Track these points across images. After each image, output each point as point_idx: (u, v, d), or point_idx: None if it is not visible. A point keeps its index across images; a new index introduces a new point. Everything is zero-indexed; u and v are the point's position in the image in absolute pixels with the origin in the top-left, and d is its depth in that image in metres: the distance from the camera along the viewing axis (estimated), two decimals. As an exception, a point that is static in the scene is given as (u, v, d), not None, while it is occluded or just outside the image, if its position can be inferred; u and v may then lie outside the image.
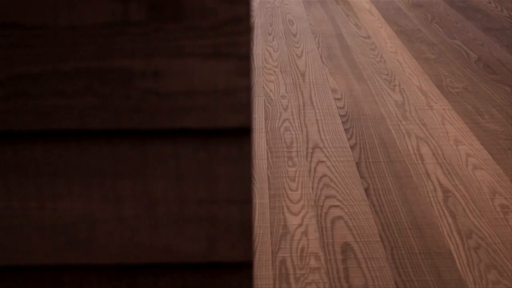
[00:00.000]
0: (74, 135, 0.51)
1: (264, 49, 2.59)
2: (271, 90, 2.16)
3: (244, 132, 0.52)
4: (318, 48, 2.60)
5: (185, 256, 0.56)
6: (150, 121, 0.51)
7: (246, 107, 0.51)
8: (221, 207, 0.54)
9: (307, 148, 1.75)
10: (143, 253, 0.56)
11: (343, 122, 1.90)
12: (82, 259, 0.56)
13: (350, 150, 1.73)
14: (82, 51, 0.48)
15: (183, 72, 0.49)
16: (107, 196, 0.54)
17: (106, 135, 0.51)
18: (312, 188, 1.55)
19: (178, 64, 0.49)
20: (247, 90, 0.50)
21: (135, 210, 0.54)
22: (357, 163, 1.66)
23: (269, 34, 2.80)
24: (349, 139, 1.79)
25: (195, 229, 0.55)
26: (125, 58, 0.48)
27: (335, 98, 2.08)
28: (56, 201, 0.54)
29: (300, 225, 1.40)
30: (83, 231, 0.55)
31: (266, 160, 1.68)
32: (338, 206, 1.47)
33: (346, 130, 1.85)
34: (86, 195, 0.54)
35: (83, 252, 0.56)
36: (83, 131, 0.51)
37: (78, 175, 0.53)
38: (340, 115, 1.95)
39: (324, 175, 1.60)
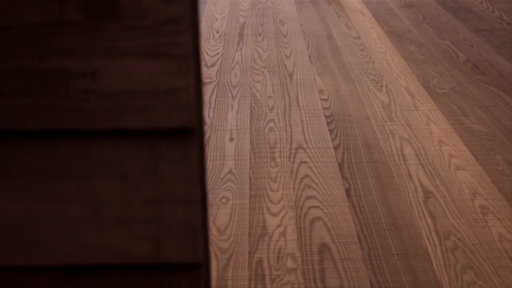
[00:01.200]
0: (15, 135, 0.51)
1: (253, 50, 2.59)
2: (257, 91, 2.15)
3: (187, 132, 0.52)
4: (307, 48, 2.60)
5: (133, 257, 0.56)
6: (91, 121, 0.50)
7: (188, 107, 0.50)
8: (166, 207, 0.54)
9: (290, 149, 1.74)
10: (90, 254, 0.56)
11: (328, 123, 1.90)
12: (29, 260, 0.56)
13: (333, 150, 1.73)
14: (20, 51, 0.48)
15: (122, 72, 0.49)
16: (52, 197, 0.54)
17: (47, 135, 0.51)
18: (293, 188, 1.54)
19: (117, 64, 0.48)
20: (189, 90, 0.50)
21: (81, 211, 0.54)
22: (339, 164, 1.66)
23: (259, 35, 2.79)
24: (333, 140, 1.79)
25: (141, 230, 0.55)
26: (63, 58, 0.48)
27: (321, 99, 2.08)
28: (1, 202, 0.54)
29: (279, 225, 1.40)
30: (29, 232, 0.55)
31: (248, 161, 1.68)
32: (318, 207, 1.47)
33: (330, 131, 1.85)
34: (31, 196, 0.54)
35: (29, 253, 0.56)
36: (24, 132, 0.51)
37: (21, 175, 0.53)
38: (325, 116, 1.95)
39: (306, 176, 1.60)
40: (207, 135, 1.83)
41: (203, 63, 2.44)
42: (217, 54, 2.54)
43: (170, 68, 0.49)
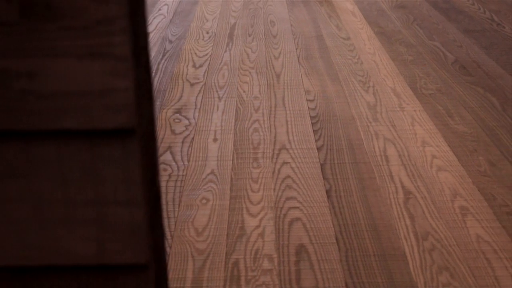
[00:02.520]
0: (-46, 136, 0.51)
1: (242, 50, 2.59)
2: (244, 91, 2.15)
3: (127, 133, 0.52)
4: (296, 49, 2.60)
5: (77, 258, 0.56)
6: (30, 122, 0.50)
7: (126, 108, 0.50)
8: (108, 208, 0.54)
9: (273, 150, 1.74)
10: (34, 255, 0.56)
11: (312, 124, 1.90)
12: (-27, 261, 0.56)
13: (316, 151, 1.73)
14: (-46, 51, 0.48)
15: (59, 73, 0.49)
16: (-6, 197, 0.53)
17: (-14, 136, 0.51)
18: (274, 189, 1.54)
19: (53, 64, 0.48)
20: (127, 91, 0.50)
21: (22, 212, 0.54)
22: (322, 165, 1.66)
23: (249, 35, 2.79)
24: (316, 141, 1.79)
25: (84, 231, 0.55)
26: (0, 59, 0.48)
27: (307, 100, 2.08)
28: None
29: (257, 226, 1.40)
30: (-28, 233, 0.55)
31: (231, 162, 1.68)
32: (297, 207, 1.47)
33: (315, 132, 1.85)
34: (-27, 196, 0.54)
35: (-27, 253, 0.56)
36: (-38, 132, 0.50)
37: (-38, 176, 0.53)
38: (310, 116, 1.95)
39: (288, 177, 1.60)
40: (191, 136, 1.83)
41: (190, 63, 2.44)
42: (206, 55, 2.54)
43: (106, 69, 0.49)
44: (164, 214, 1.44)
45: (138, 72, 0.52)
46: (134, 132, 0.52)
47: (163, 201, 1.49)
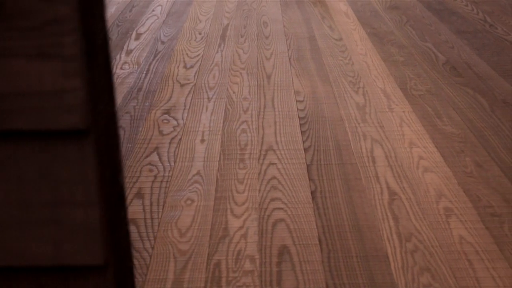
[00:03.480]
0: None
1: (234, 51, 2.59)
2: (234, 92, 2.15)
3: (82, 134, 0.52)
4: (288, 50, 2.60)
5: (34, 259, 0.56)
6: (-18, 122, 0.50)
7: (79, 108, 0.50)
8: (64, 209, 0.54)
9: (260, 151, 1.74)
10: (-8, 255, 0.56)
11: (301, 124, 1.90)
12: None
13: (303, 152, 1.73)
14: None
15: (9, 73, 0.48)
16: (-50, 198, 0.53)
17: None
18: (259, 190, 1.54)
19: (3, 64, 0.48)
20: (79, 91, 0.50)
21: (-22, 213, 0.54)
22: (308, 166, 1.66)
23: (241, 36, 2.79)
24: (304, 141, 1.79)
25: (41, 232, 0.55)
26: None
27: (297, 100, 2.08)
28: None
29: (241, 227, 1.40)
30: None
31: (217, 162, 1.68)
32: (282, 208, 1.46)
33: (302, 132, 1.84)
34: None
35: None
36: None
37: None
38: (299, 117, 1.95)
39: (273, 178, 1.60)
40: (178, 137, 1.83)
41: (181, 64, 2.44)
42: (197, 55, 2.54)
43: (56, 69, 0.48)
44: (148, 215, 1.44)
45: (92, 72, 0.52)
46: (89, 133, 0.52)
47: (148, 202, 1.49)
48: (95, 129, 0.53)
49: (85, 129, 0.51)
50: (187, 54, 2.56)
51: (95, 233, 0.55)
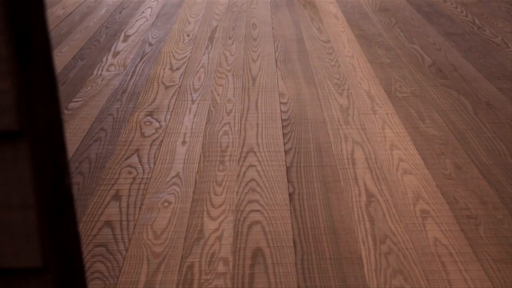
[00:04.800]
0: None
1: (221, 53, 2.59)
2: (218, 94, 2.15)
3: (15, 136, 0.51)
4: (275, 52, 2.60)
5: (-28, 261, 0.55)
6: None
7: (10, 109, 0.50)
8: (1, 212, 0.54)
9: (241, 153, 1.74)
10: None
11: (283, 127, 1.90)
12: None
13: (284, 154, 1.73)
14: None
15: None
16: None
17: None
18: (237, 192, 1.54)
19: None
20: (9, 92, 0.49)
21: None
22: (288, 168, 1.65)
23: (230, 38, 2.79)
24: (285, 144, 1.79)
25: (-23, 234, 0.54)
26: None
27: (281, 102, 2.08)
28: None
29: (216, 229, 1.39)
30: None
31: (197, 164, 1.68)
32: (259, 211, 1.46)
33: (284, 135, 1.84)
34: None
35: None
36: None
37: None
38: (282, 119, 1.95)
39: (252, 180, 1.60)
40: (160, 139, 1.82)
41: (167, 66, 2.44)
42: (184, 57, 2.54)
43: (-15, 71, 0.48)
44: (124, 217, 1.44)
45: (26, 73, 0.51)
46: (24, 135, 0.52)
47: (125, 204, 1.49)
48: (31, 131, 0.53)
49: (19, 130, 0.51)
50: (174, 56, 2.56)
51: (33, 235, 0.55)
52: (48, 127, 0.58)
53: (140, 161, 1.70)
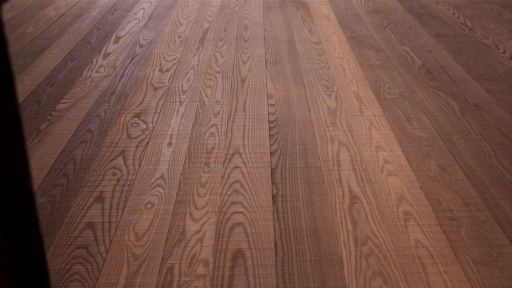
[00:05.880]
0: None
1: (211, 55, 2.58)
2: (207, 96, 2.15)
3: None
4: (266, 53, 2.59)
5: None
6: None
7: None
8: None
9: (226, 154, 1.74)
10: None
11: (270, 128, 1.89)
12: None
13: (269, 156, 1.72)
14: None
15: None
16: None
17: None
18: (221, 194, 1.54)
19: None
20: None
21: None
22: (272, 169, 1.65)
23: (221, 40, 2.79)
24: (271, 145, 1.78)
25: None
26: None
27: (269, 104, 2.08)
28: None
29: (198, 231, 1.39)
30: None
31: (182, 166, 1.67)
32: (241, 212, 1.46)
33: (271, 136, 1.84)
34: None
35: None
36: None
37: None
38: (269, 121, 1.94)
39: (236, 181, 1.59)
40: (146, 140, 1.82)
41: (157, 68, 2.44)
42: (174, 59, 2.54)
43: None
44: (107, 219, 1.44)
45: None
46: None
47: (108, 206, 1.49)
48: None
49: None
50: (164, 57, 2.56)
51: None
52: (4, 126, 0.58)
53: (125, 162, 1.70)
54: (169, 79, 2.32)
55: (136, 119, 1.97)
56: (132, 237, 1.37)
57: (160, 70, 2.41)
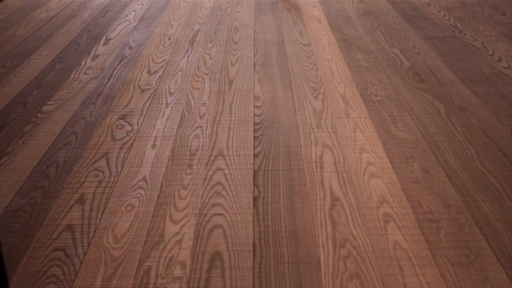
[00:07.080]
0: None
1: (200, 57, 2.58)
2: (193, 97, 2.15)
3: None
4: (255, 55, 2.59)
5: None
6: None
7: None
8: None
9: (210, 156, 1.73)
10: None
11: (255, 130, 1.89)
12: None
13: (252, 158, 1.72)
14: None
15: None
16: None
17: None
18: (202, 196, 1.53)
19: None
20: None
21: None
22: (255, 171, 1.65)
23: (210, 42, 2.79)
24: (255, 147, 1.78)
25: None
26: None
27: (255, 106, 2.07)
28: None
29: (177, 233, 1.39)
30: None
31: (165, 168, 1.67)
32: (221, 214, 1.46)
33: (255, 138, 1.84)
34: None
35: None
36: None
37: None
38: (254, 123, 1.94)
39: (218, 183, 1.59)
40: (130, 142, 1.82)
41: (145, 70, 2.44)
42: (163, 61, 2.53)
43: None
44: (86, 221, 1.43)
45: None
46: None
47: (88, 208, 1.49)
48: None
49: None
50: (153, 59, 2.56)
51: None
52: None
53: (108, 164, 1.69)
54: (156, 81, 2.31)
55: (122, 121, 1.97)
56: (110, 239, 1.37)
57: (148, 72, 2.41)
